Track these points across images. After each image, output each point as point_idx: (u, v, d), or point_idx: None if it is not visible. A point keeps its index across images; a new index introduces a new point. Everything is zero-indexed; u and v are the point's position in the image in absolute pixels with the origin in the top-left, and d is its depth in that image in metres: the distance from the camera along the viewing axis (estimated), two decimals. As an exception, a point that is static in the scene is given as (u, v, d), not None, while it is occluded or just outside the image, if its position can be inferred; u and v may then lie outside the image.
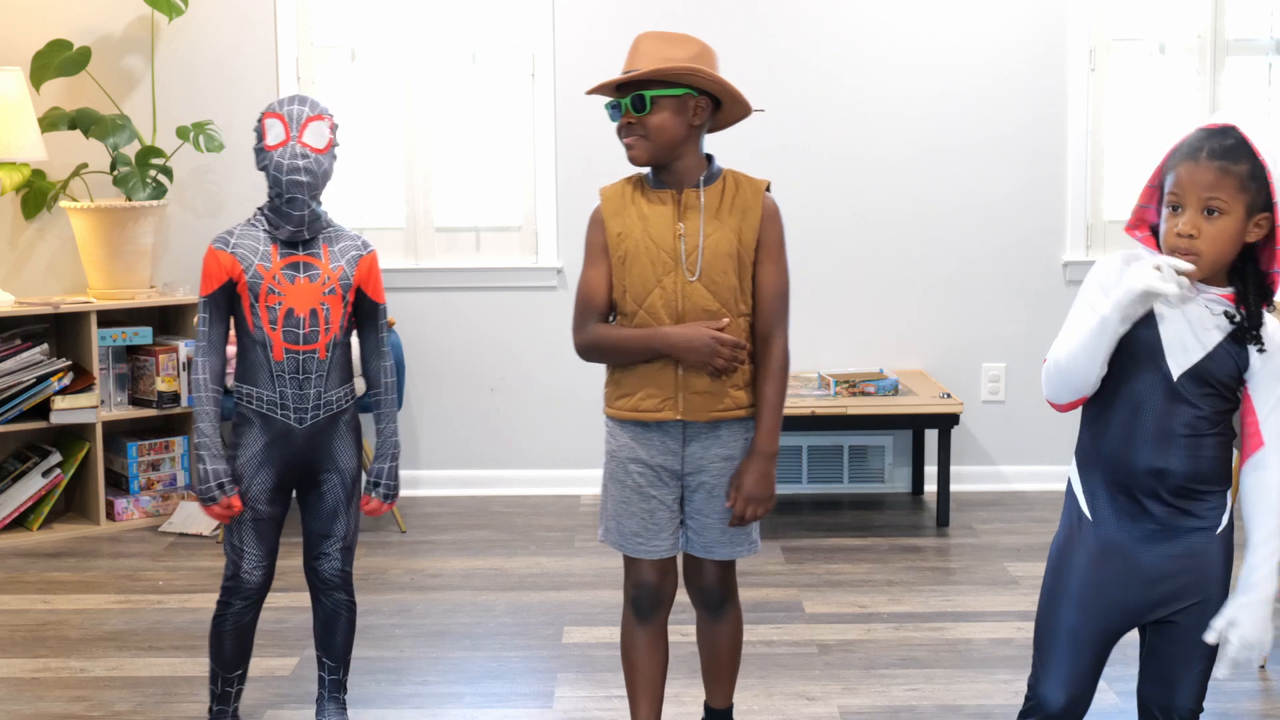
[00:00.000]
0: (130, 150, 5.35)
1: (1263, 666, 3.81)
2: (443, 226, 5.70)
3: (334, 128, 3.16)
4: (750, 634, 4.12)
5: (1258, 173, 2.30)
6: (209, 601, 4.42)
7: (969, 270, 5.65)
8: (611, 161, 4.04)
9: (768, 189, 3.01)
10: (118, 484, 5.41)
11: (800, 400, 5.16)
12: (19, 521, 5.26)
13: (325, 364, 3.17)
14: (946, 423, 5.14)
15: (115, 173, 5.30)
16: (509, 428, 5.74)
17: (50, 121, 5.29)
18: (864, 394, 5.22)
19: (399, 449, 3.31)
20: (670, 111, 2.89)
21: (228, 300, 3.15)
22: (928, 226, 5.67)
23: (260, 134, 3.12)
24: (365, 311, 3.25)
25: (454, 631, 4.20)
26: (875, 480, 5.74)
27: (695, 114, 2.92)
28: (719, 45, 3.56)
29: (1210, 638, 2.40)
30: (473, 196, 5.70)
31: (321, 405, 3.19)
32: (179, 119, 5.45)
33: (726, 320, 2.92)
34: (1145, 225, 2.45)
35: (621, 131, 2.93)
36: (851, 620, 4.24)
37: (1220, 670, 2.41)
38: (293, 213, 3.11)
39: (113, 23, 5.56)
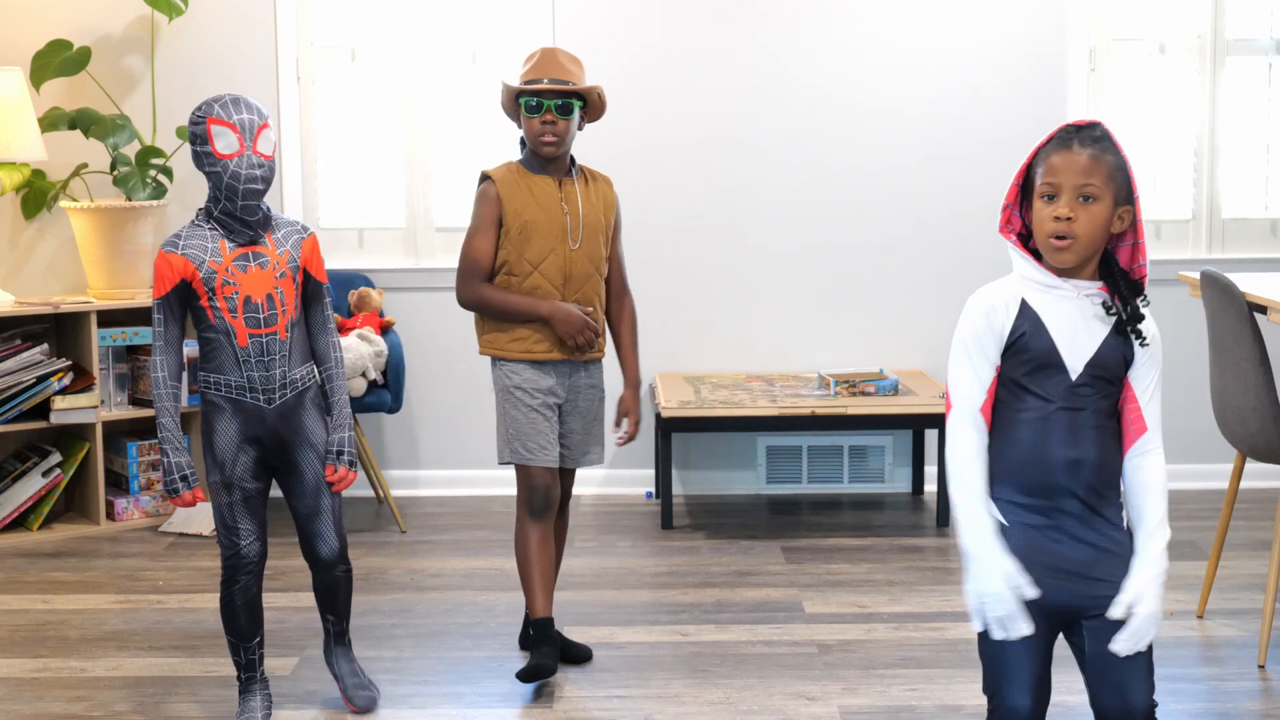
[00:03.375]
0: (130, 150, 5.35)
1: (1262, 666, 3.82)
2: (443, 226, 5.70)
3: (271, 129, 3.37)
4: (750, 634, 4.13)
5: (1122, 165, 2.43)
6: (209, 601, 4.43)
7: (969, 270, 5.64)
8: (611, 161, 4.06)
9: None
10: (118, 484, 5.41)
11: (800, 400, 5.16)
12: (19, 521, 5.26)
13: (287, 344, 3.37)
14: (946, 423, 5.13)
15: (115, 173, 5.30)
16: (509, 428, 5.74)
17: (50, 121, 5.29)
18: (864, 394, 5.22)
19: (352, 419, 3.52)
20: (576, 119, 3.74)
21: (181, 301, 3.33)
22: (928, 226, 5.67)
23: (205, 138, 3.26)
24: (310, 291, 3.45)
25: (454, 631, 4.20)
26: (875, 480, 5.74)
27: (581, 122, 3.78)
28: (718, 48, 3.67)
29: (1117, 613, 2.43)
30: (472, 196, 5.68)
31: (288, 384, 3.38)
32: (179, 119, 5.44)
33: (590, 309, 3.75)
34: (1015, 229, 2.57)
35: (538, 126, 3.69)
36: (851, 620, 4.24)
37: (1119, 645, 2.44)
38: (249, 218, 3.32)
39: (113, 23, 5.56)
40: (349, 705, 3.62)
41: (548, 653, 3.71)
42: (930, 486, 5.62)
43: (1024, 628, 2.43)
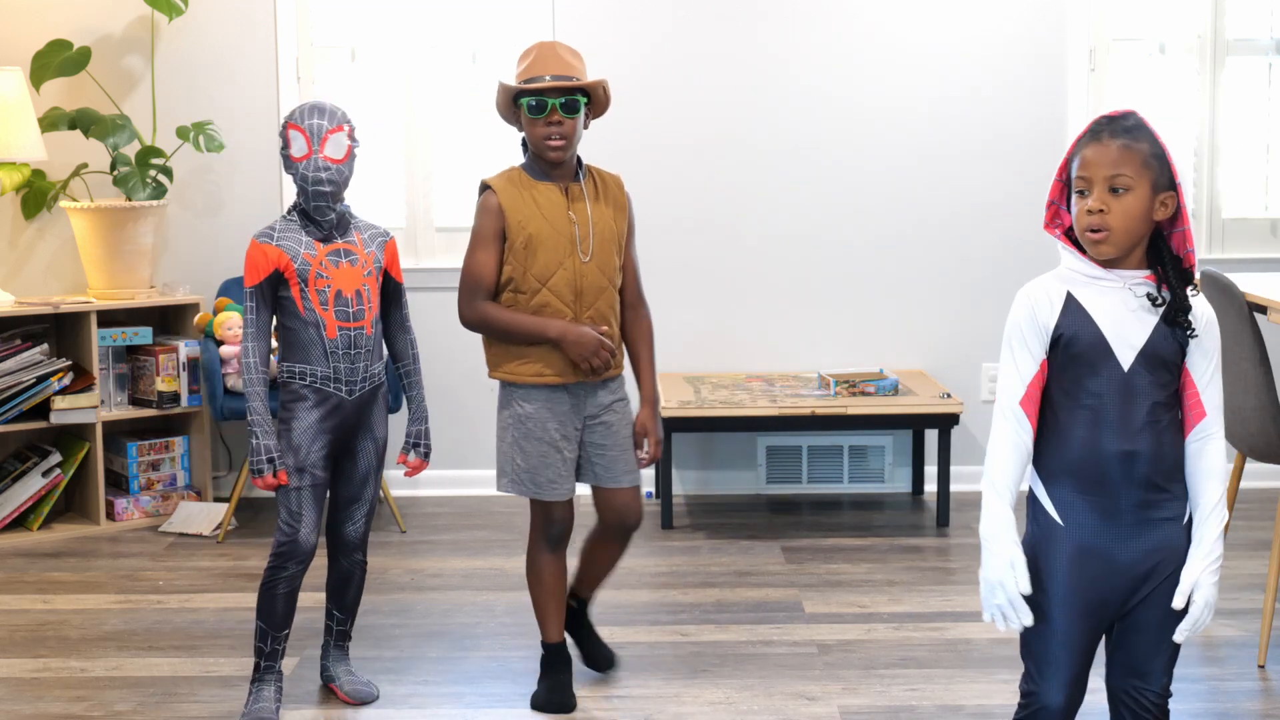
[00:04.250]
0: (130, 150, 5.35)
1: (1262, 666, 3.82)
2: (443, 226, 5.70)
3: (352, 133, 3.47)
4: (750, 634, 4.13)
5: (1158, 152, 2.42)
6: (209, 601, 4.43)
7: (969, 270, 5.66)
8: (611, 160, 4.04)
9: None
10: (118, 484, 5.41)
11: (800, 400, 5.16)
12: (19, 521, 5.26)
13: (371, 339, 3.51)
14: (946, 423, 5.14)
15: (115, 173, 5.30)
16: (509, 428, 5.74)
17: (50, 121, 5.29)
18: (864, 394, 5.22)
19: (428, 413, 3.66)
20: (582, 117, 3.48)
21: (273, 290, 3.45)
22: (928, 226, 5.67)
23: (285, 142, 3.43)
24: (390, 291, 3.60)
25: (454, 631, 4.20)
26: (875, 480, 5.74)
27: (587, 120, 3.53)
28: (718, 48, 3.68)
29: (1179, 603, 2.45)
30: (472, 196, 5.67)
31: (368, 378, 3.52)
32: (179, 119, 5.45)
33: (605, 328, 3.49)
34: (1061, 224, 2.56)
35: (542, 128, 3.43)
36: (851, 620, 4.24)
37: (1181, 634, 2.47)
38: (320, 219, 3.46)
39: (113, 23, 5.56)
40: (345, 699, 3.65)
41: (566, 683, 3.63)
42: (930, 486, 5.62)
43: (1024, 618, 2.45)
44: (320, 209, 3.43)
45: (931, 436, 5.54)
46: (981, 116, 5.62)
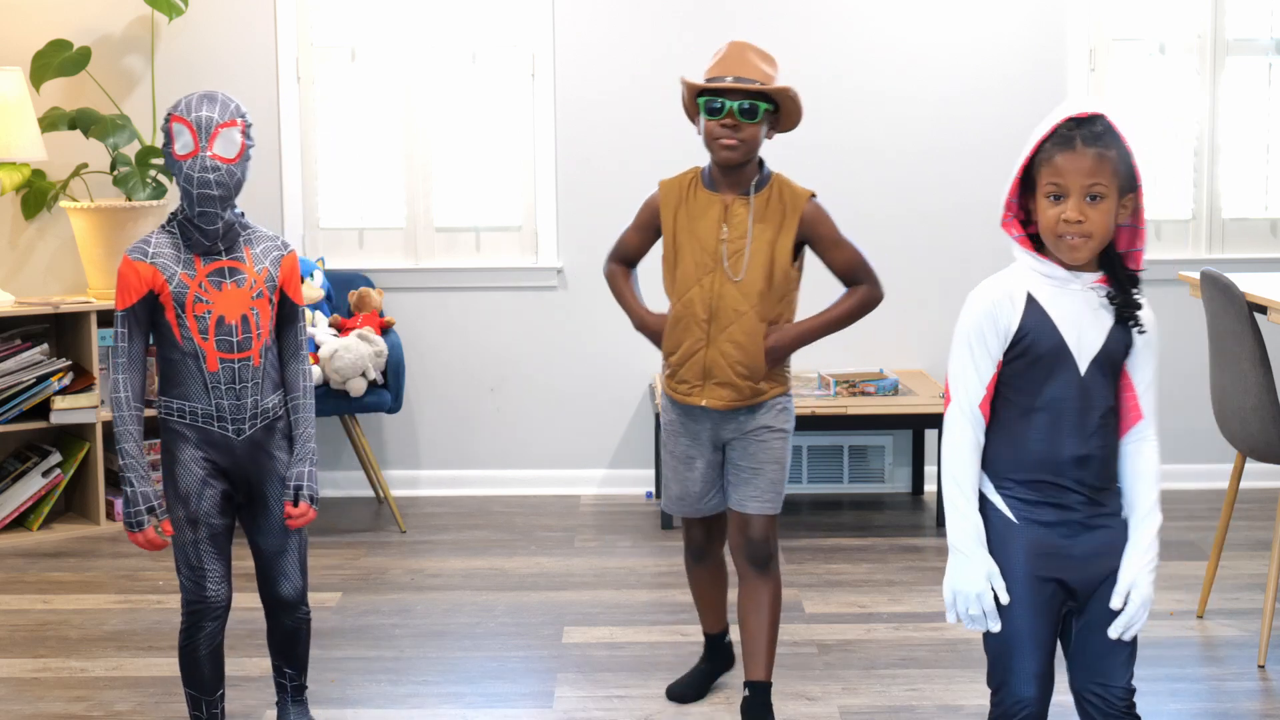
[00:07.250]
0: (130, 150, 5.35)
1: (1262, 666, 3.81)
2: (443, 226, 5.70)
3: (246, 129, 3.03)
4: (750, 634, 4.13)
5: (1125, 156, 2.42)
6: (209, 601, 4.43)
7: (969, 270, 5.64)
8: (611, 160, 4.04)
9: (812, 197, 3.39)
10: (118, 484, 5.41)
11: (800, 400, 5.16)
12: (19, 521, 5.26)
13: (260, 370, 3.09)
14: (946, 423, 5.14)
15: (115, 173, 5.30)
16: (509, 428, 5.74)
17: (50, 121, 5.29)
18: (864, 394, 5.22)
19: (316, 453, 3.18)
20: (763, 124, 3.25)
21: (148, 313, 3.05)
22: (928, 226, 5.67)
23: (168, 137, 3.00)
24: (285, 313, 3.16)
25: (454, 631, 4.20)
26: (875, 480, 5.74)
27: (770, 128, 3.30)
28: (720, 45, 3.68)
29: (1116, 603, 2.47)
30: (473, 196, 5.70)
31: (259, 414, 3.11)
32: (179, 119, 5.44)
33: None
34: (1018, 222, 2.58)
35: (717, 129, 3.23)
36: (851, 620, 4.24)
37: (1115, 630, 2.48)
38: (206, 226, 3.02)
39: (113, 23, 5.56)
40: None
41: (696, 673, 3.68)
42: (930, 486, 5.62)
43: (993, 626, 2.50)
44: (206, 215, 2.98)
45: (931, 436, 5.54)
46: (982, 116, 5.62)
